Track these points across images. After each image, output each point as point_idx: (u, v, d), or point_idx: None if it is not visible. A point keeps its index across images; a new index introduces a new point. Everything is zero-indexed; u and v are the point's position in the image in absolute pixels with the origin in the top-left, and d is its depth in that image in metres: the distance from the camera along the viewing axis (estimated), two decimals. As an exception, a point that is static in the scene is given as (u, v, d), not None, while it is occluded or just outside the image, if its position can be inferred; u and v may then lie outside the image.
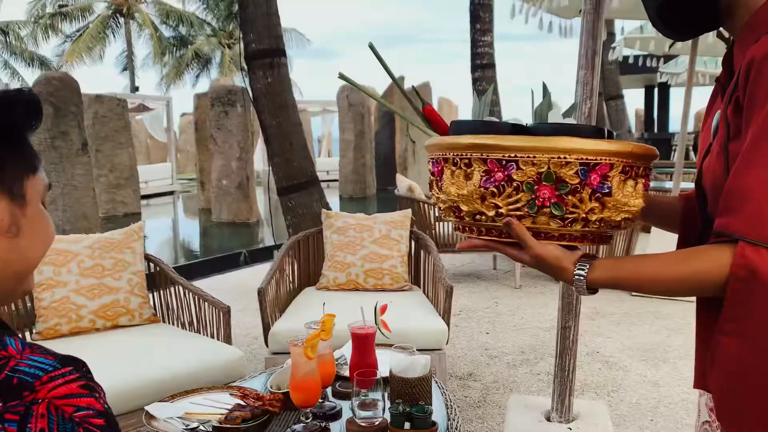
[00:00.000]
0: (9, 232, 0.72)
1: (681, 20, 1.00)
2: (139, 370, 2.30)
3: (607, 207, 0.91)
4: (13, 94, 0.75)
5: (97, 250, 2.82)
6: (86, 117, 9.18)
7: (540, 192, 0.90)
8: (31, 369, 0.62)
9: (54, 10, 27.40)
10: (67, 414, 0.62)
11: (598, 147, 0.89)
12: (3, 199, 0.71)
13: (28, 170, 0.74)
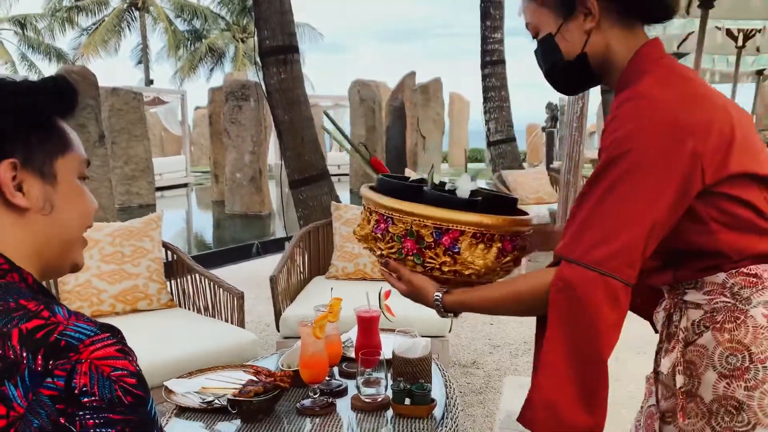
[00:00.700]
0: (44, 209, 0.82)
1: (566, 83, 1.20)
2: (158, 351, 2.44)
3: (458, 262, 1.15)
4: (37, 83, 0.85)
5: (117, 238, 2.96)
6: (103, 109, 9.36)
7: (405, 243, 1.17)
8: (76, 334, 0.72)
9: (71, 3, 27.67)
10: (105, 373, 0.71)
11: (451, 217, 1.14)
12: (36, 181, 0.82)
13: (57, 151, 0.84)
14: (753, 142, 1.05)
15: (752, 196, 1.02)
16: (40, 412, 0.67)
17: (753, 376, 1.01)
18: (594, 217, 0.98)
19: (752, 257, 1.04)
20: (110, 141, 10.26)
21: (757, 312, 1.02)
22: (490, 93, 7.82)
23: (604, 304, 0.95)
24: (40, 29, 28.35)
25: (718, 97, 1.05)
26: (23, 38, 28.50)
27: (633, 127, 0.97)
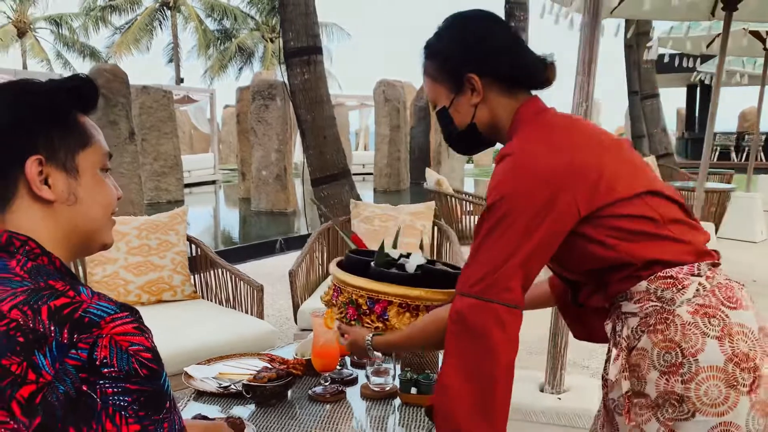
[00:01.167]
0: (68, 200, 0.91)
1: (462, 147, 1.39)
2: (181, 339, 2.55)
3: (389, 328, 1.38)
4: (58, 82, 0.93)
5: (144, 231, 3.09)
6: (133, 107, 9.59)
7: (348, 310, 1.45)
8: (98, 311, 0.80)
9: (105, 2, 28.19)
10: (124, 347, 0.79)
11: (381, 289, 1.39)
12: (60, 175, 0.90)
13: (78, 146, 0.92)
14: (631, 164, 1.20)
15: (642, 210, 1.15)
16: (65, 379, 0.75)
17: (687, 370, 1.09)
18: (477, 255, 1.15)
19: (658, 261, 1.14)
20: (140, 138, 10.50)
21: (682, 310, 1.11)
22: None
23: (492, 326, 1.11)
24: (74, 28, 28.97)
25: (584, 139, 1.20)
26: (59, 37, 29.15)
27: (504, 179, 1.14)
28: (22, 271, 0.84)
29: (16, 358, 0.74)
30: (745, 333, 1.10)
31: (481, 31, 1.27)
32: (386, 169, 12.95)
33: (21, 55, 28.65)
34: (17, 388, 0.74)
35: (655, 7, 5.13)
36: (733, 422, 1.06)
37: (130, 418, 0.78)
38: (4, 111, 0.88)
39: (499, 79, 1.25)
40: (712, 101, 5.07)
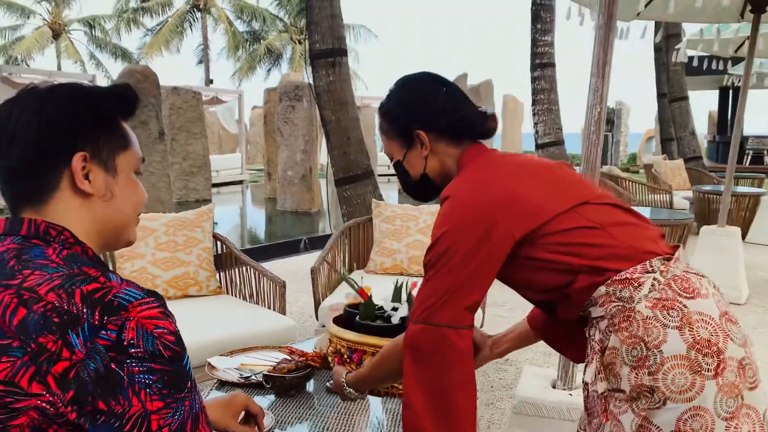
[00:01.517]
0: (105, 196, 0.98)
1: (419, 195, 1.51)
2: (205, 332, 2.63)
3: None
4: (106, 89, 1.02)
5: (171, 228, 3.19)
6: (163, 107, 9.78)
7: (335, 358, 1.71)
8: (126, 296, 0.86)
9: (137, 4, 28.71)
10: (149, 330, 0.85)
11: (356, 339, 1.65)
12: (100, 172, 0.98)
13: (119, 148, 1.00)
14: (560, 183, 1.32)
15: (578, 221, 1.25)
16: (95, 357, 0.81)
17: (653, 362, 1.14)
18: (425, 286, 1.27)
19: (608, 268, 1.22)
20: (170, 138, 10.69)
21: (641, 306, 1.18)
22: (539, 95, 7.83)
23: (441, 346, 1.23)
24: (107, 29, 29.56)
25: (511, 171, 1.32)
26: (92, 38, 29.77)
27: (444, 219, 1.27)
28: (57, 258, 0.90)
29: (52, 337, 0.81)
30: (705, 320, 1.16)
31: (425, 92, 1.43)
32: (411, 170, 12.97)
33: (56, 56, 29.32)
34: (53, 363, 0.80)
35: (682, 10, 5.10)
36: (702, 406, 1.12)
37: (154, 396, 0.84)
38: (58, 109, 0.95)
39: (443, 133, 1.40)
40: (739, 104, 5.02)
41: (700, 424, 1.11)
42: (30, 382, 0.80)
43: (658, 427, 1.14)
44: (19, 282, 0.85)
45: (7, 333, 0.81)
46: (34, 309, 0.82)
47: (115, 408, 0.82)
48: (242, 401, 1.47)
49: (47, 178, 0.94)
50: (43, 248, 0.91)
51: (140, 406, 0.83)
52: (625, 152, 21.27)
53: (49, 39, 28.77)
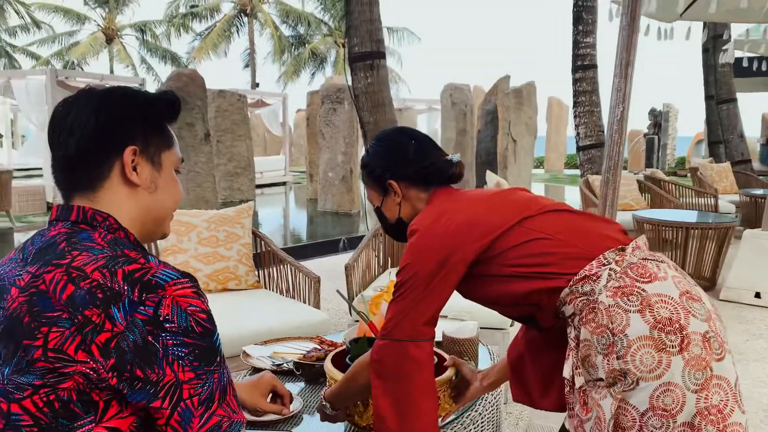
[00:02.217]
0: (150, 188, 1.09)
1: (398, 237, 1.65)
2: (242, 324, 2.75)
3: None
4: (157, 95, 1.13)
5: (213, 224, 3.32)
6: (210, 110, 10.04)
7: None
8: (163, 276, 0.96)
9: (186, 9, 29.44)
10: (183, 307, 0.94)
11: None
12: (147, 166, 1.09)
13: (165, 146, 1.11)
14: (508, 204, 1.44)
15: (527, 235, 1.37)
16: (134, 330, 0.91)
17: (620, 347, 1.22)
18: (390, 308, 1.41)
19: (565, 273, 1.31)
20: (215, 140, 10.97)
21: (603, 297, 1.26)
22: (580, 97, 7.77)
23: (402, 358, 1.37)
24: (158, 34, 30.39)
25: (462, 203, 1.46)
26: (143, 43, 30.65)
27: (409, 250, 1.42)
28: (102, 241, 1.00)
29: (96, 310, 0.90)
30: (664, 300, 1.23)
31: (395, 146, 1.60)
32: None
33: (109, 60, 30.29)
34: (96, 334, 0.90)
35: (726, 10, 5.03)
36: (671, 381, 1.18)
37: (186, 367, 0.93)
38: (114, 108, 1.06)
39: (413, 181, 1.56)
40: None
41: (671, 399, 1.18)
42: (76, 350, 0.90)
43: (634, 407, 1.21)
44: (68, 262, 0.95)
45: (57, 306, 0.91)
46: (81, 285, 0.92)
47: (151, 376, 0.91)
48: (269, 381, 1.56)
49: (100, 168, 1.05)
50: (90, 232, 1.02)
51: (173, 375, 0.92)
52: (673, 155, 20.81)
53: (102, 44, 29.75)
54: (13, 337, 0.92)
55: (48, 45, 29.64)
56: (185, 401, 0.93)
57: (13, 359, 0.91)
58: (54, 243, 0.99)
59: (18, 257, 1.02)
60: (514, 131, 11.76)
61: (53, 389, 0.90)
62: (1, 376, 0.92)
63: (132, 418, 0.95)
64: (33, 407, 0.90)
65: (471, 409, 1.80)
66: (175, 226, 3.25)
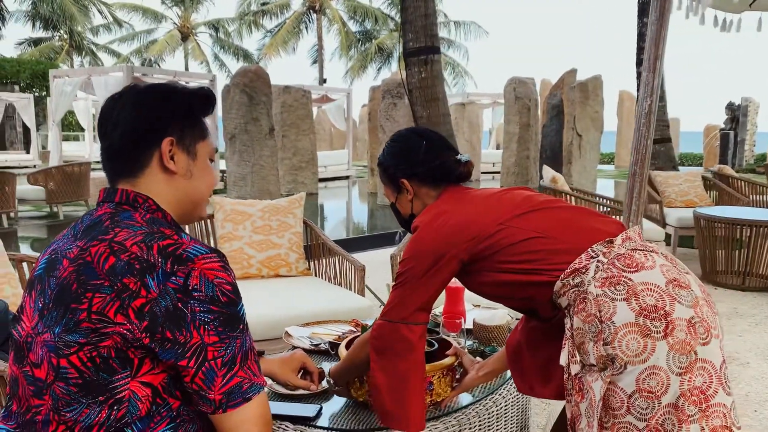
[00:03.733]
0: (186, 175, 1.22)
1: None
2: (290, 308, 2.90)
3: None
4: (194, 90, 1.26)
5: (266, 213, 3.49)
6: (275, 105, 10.32)
7: None
8: (192, 250, 1.08)
9: (257, 7, 30.16)
10: (210, 278, 1.07)
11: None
12: (183, 155, 1.22)
13: (199, 137, 1.24)
14: (507, 200, 1.53)
15: (522, 235, 1.44)
16: (166, 297, 1.03)
17: (608, 333, 1.28)
18: (391, 294, 1.53)
19: (556, 267, 1.39)
20: (281, 134, 11.28)
21: (591, 287, 1.33)
22: (644, 91, 7.59)
23: (396, 339, 1.49)
24: (230, 32, 31.31)
25: (462, 205, 1.55)
26: (216, 40, 31.65)
27: (409, 247, 1.53)
28: (142, 220, 1.14)
29: (133, 279, 1.03)
30: (650, 288, 1.29)
31: (407, 146, 1.70)
32: (514, 167, 12.86)
33: (183, 57, 31.44)
34: (132, 299, 1.03)
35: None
36: (656, 365, 1.25)
37: (210, 331, 1.05)
38: (153, 103, 1.19)
39: (423, 180, 1.66)
40: None
41: (656, 381, 1.24)
42: (115, 314, 1.03)
43: (622, 389, 1.28)
44: (111, 237, 1.09)
45: (100, 275, 1.04)
46: (121, 257, 1.05)
47: (179, 338, 1.04)
48: (300, 358, 1.68)
49: (141, 157, 1.19)
50: (131, 212, 1.15)
51: (199, 338, 1.05)
52: (752, 152, 19.86)
53: (178, 41, 30.91)
54: (62, 302, 1.05)
55: (128, 43, 31.10)
56: (209, 362, 1.05)
57: (62, 320, 1.05)
58: (100, 221, 1.13)
59: (69, 234, 1.16)
60: (579, 126, 11.55)
61: (95, 347, 1.03)
62: (52, 334, 1.05)
63: (163, 375, 1.08)
64: (78, 362, 1.04)
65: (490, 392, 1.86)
66: (231, 214, 3.44)
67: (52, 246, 1.16)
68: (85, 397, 1.05)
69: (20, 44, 28.40)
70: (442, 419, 1.69)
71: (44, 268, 1.12)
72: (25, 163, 16.69)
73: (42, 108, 19.39)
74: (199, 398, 1.08)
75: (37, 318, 1.09)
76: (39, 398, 1.08)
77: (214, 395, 1.07)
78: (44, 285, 1.10)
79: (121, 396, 1.05)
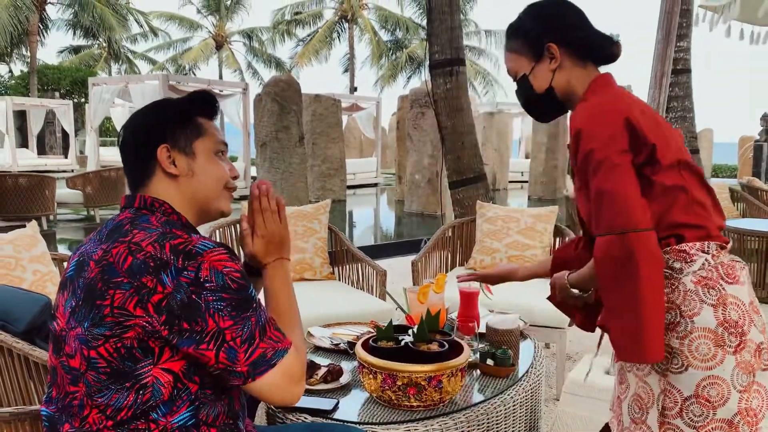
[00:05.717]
0: (188, 174, 1.33)
1: (539, 112, 1.59)
2: (314, 310, 3.01)
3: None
4: (188, 95, 1.38)
5: (292, 219, 3.62)
6: (305, 114, 10.50)
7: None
8: (201, 246, 1.18)
9: (291, 16, 30.58)
10: (219, 269, 1.16)
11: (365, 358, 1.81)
12: (181, 156, 1.32)
13: (195, 136, 1.34)
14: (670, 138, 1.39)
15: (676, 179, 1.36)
16: (180, 290, 1.14)
17: (683, 328, 1.31)
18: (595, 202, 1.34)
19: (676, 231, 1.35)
20: (311, 142, 11.47)
21: (687, 280, 1.33)
22: (672, 103, 7.56)
23: (627, 250, 1.28)
24: (263, 40, 31.77)
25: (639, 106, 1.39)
26: (250, 49, 32.16)
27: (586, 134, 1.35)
28: (158, 222, 1.25)
29: (150, 277, 1.14)
30: (737, 304, 1.32)
31: (556, 10, 1.52)
32: (542, 177, 12.89)
33: (218, 65, 32.02)
34: (151, 295, 1.14)
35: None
36: (720, 376, 1.29)
37: (225, 317, 1.16)
38: (146, 117, 1.35)
39: (574, 48, 1.48)
40: None
41: (717, 392, 1.28)
42: (135, 307, 1.14)
43: (679, 390, 1.32)
44: (129, 238, 1.20)
45: (121, 273, 1.16)
46: (138, 257, 1.16)
47: (196, 327, 1.14)
48: None
49: (146, 167, 1.32)
50: (148, 216, 1.27)
51: (215, 324, 1.15)
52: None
53: (212, 50, 31.48)
54: (90, 299, 1.17)
55: (164, 51, 31.75)
56: (228, 343, 1.16)
57: (89, 315, 1.16)
58: (121, 225, 1.25)
59: (95, 237, 1.28)
60: (607, 136, 11.52)
61: (119, 338, 1.15)
62: (82, 329, 1.17)
63: (182, 362, 1.18)
64: (105, 353, 1.15)
65: (499, 392, 1.96)
66: (259, 219, 3.58)
67: (81, 249, 1.28)
68: (114, 383, 1.16)
69: (61, 52, 29.28)
70: (451, 416, 1.79)
71: (74, 270, 1.24)
72: (63, 168, 17.21)
73: (80, 114, 19.99)
74: (229, 374, 1.18)
75: (69, 314, 1.20)
76: (75, 385, 1.19)
77: (241, 367, 1.17)
78: (75, 285, 1.21)
79: (145, 382, 1.16)
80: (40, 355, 1.99)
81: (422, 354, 1.83)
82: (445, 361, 1.80)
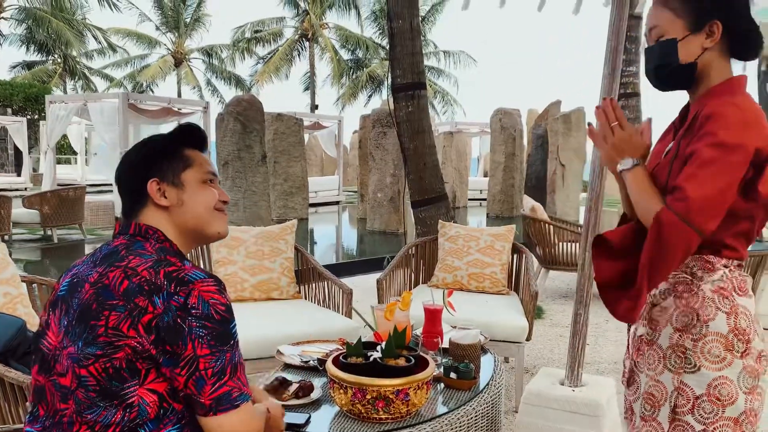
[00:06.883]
0: (177, 204, 1.41)
1: (666, 80, 1.51)
2: (281, 329, 3.08)
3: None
4: (176, 128, 1.48)
5: (259, 239, 3.70)
6: (267, 132, 10.55)
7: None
8: (192, 275, 1.27)
9: (251, 34, 30.58)
10: (206, 299, 1.24)
11: (335, 374, 1.88)
12: (171, 188, 1.41)
13: (182, 168, 1.42)
14: None
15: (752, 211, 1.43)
16: (169, 313, 1.22)
17: (698, 331, 1.44)
18: (687, 180, 1.33)
19: (716, 249, 1.44)
20: (273, 161, 11.50)
21: (706, 287, 1.45)
22: (623, 125, 7.89)
23: (678, 245, 1.33)
24: (223, 58, 31.66)
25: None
26: (209, 66, 32.00)
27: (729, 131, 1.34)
28: (152, 249, 1.33)
29: (142, 298, 1.22)
30: (746, 314, 1.45)
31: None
32: (500, 195, 13.18)
33: (176, 82, 31.75)
34: (142, 315, 1.21)
35: None
36: (728, 377, 1.42)
37: (204, 344, 1.22)
38: (137, 155, 1.44)
39: (731, 36, 1.45)
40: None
41: (726, 392, 1.41)
42: (128, 329, 1.21)
43: (692, 389, 1.43)
44: (125, 264, 1.28)
45: (116, 296, 1.23)
46: (134, 281, 1.24)
47: (176, 350, 1.22)
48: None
49: (137, 199, 1.41)
50: (143, 243, 1.36)
51: (192, 351, 1.22)
52: None
53: (171, 67, 31.21)
54: (84, 319, 1.24)
55: (121, 68, 31.34)
56: (200, 371, 1.22)
57: (83, 335, 1.23)
58: (116, 251, 1.33)
59: (89, 260, 1.35)
60: (563, 156, 11.86)
61: (109, 359, 1.21)
62: (76, 348, 1.23)
63: (166, 383, 1.25)
64: (95, 372, 1.22)
65: (462, 404, 2.07)
66: (227, 240, 3.64)
67: (73, 270, 1.35)
68: (102, 401, 1.22)
69: (14, 67, 28.64)
70: (417, 427, 1.90)
71: (67, 290, 1.30)
72: (16, 186, 16.81)
73: (34, 131, 19.58)
74: (193, 402, 1.25)
75: (63, 334, 1.26)
76: (64, 402, 1.25)
77: (205, 399, 1.24)
78: (68, 305, 1.28)
79: (131, 401, 1.22)
80: (15, 376, 2.03)
81: (390, 369, 1.94)
82: (412, 375, 1.91)
